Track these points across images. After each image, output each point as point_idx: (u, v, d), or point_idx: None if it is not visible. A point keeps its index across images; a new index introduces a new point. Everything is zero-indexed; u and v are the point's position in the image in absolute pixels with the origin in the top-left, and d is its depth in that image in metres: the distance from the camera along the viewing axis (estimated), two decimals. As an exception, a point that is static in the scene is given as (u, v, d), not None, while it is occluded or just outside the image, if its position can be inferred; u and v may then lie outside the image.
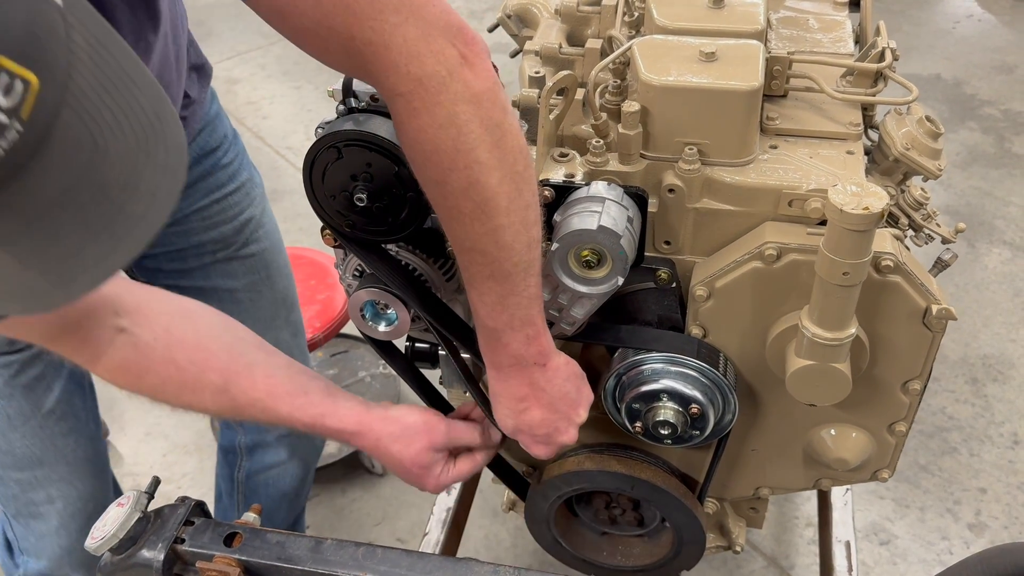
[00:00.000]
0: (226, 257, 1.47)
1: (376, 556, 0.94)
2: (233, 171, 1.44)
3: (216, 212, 1.42)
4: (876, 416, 1.17)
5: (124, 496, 1.00)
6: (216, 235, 1.43)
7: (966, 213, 3.15)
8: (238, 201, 1.44)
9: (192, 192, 1.38)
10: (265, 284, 1.54)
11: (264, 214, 1.52)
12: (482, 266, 0.93)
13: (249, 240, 1.48)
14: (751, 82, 1.00)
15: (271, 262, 1.54)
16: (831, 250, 0.92)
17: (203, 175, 1.39)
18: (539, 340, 1.00)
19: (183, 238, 1.41)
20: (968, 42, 4.14)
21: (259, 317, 1.55)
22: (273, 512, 1.82)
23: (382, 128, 0.98)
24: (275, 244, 1.56)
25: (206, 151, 1.39)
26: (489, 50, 0.89)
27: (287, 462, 1.76)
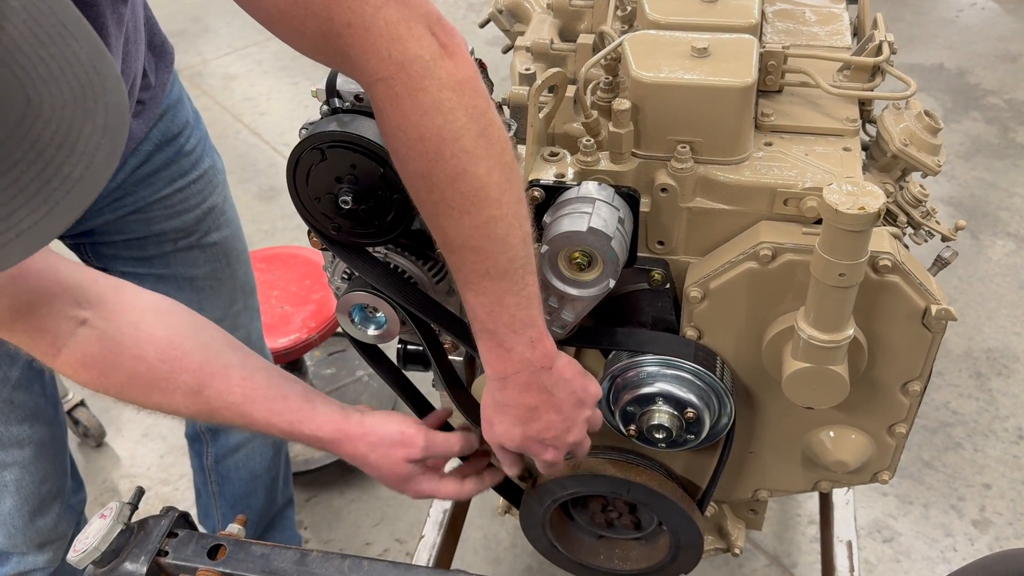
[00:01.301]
0: (188, 246, 1.45)
1: (362, 568, 0.92)
2: (196, 158, 1.41)
3: (179, 201, 1.39)
4: (875, 418, 1.15)
5: (107, 507, 0.98)
6: (179, 224, 1.41)
7: (969, 204, 3.12)
8: (201, 189, 1.42)
9: (155, 180, 1.36)
10: (226, 272, 1.52)
11: (226, 201, 1.50)
12: (476, 264, 0.89)
13: (211, 228, 1.46)
14: (744, 78, 0.98)
15: (232, 249, 1.52)
16: (827, 251, 0.89)
17: (166, 163, 1.36)
18: (543, 342, 0.96)
19: (144, 226, 1.39)
20: (971, 31, 4.10)
21: (219, 304, 1.53)
22: (250, 497, 1.80)
23: (367, 129, 0.96)
24: (236, 231, 1.54)
25: (168, 138, 1.36)
26: (467, 43, 0.87)
27: (252, 439, 1.73)
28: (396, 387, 1.25)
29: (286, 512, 1.94)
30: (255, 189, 3.40)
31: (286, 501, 1.92)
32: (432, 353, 1.16)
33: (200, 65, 4.20)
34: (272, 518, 1.90)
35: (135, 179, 1.34)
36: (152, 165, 1.34)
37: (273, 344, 2.05)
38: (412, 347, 1.27)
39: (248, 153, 3.60)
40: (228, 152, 3.61)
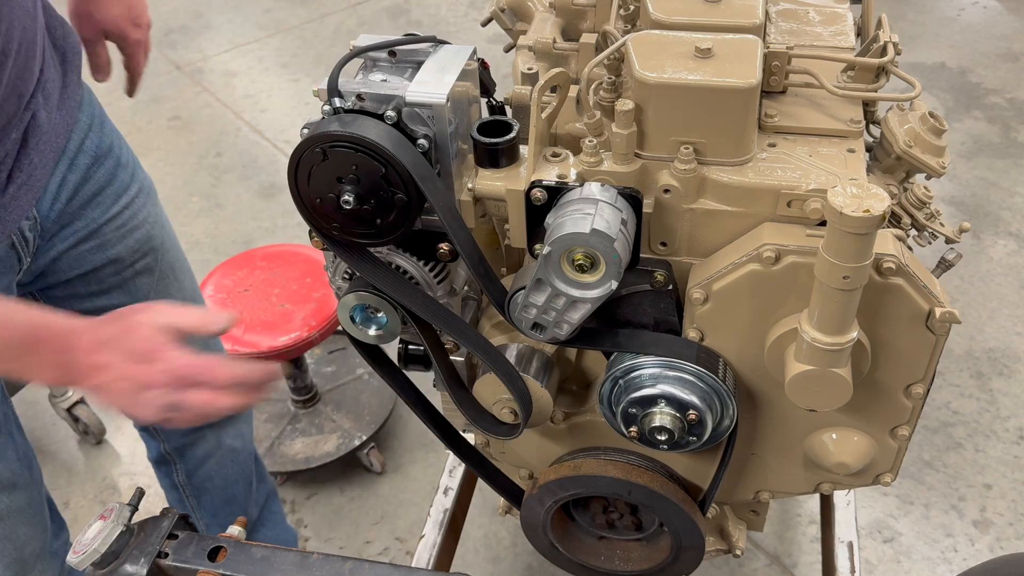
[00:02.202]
0: (145, 267, 1.43)
1: (364, 570, 0.92)
2: (132, 170, 1.40)
3: (129, 217, 1.38)
4: (878, 420, 1.14)
5: (107, 508, 0.98)
6: (133, 243, 1.40)
7: (971, 204, 3.12)
8: (144, 203, 1.41)
9: (102, 199, 1.34)
10: (174, 285, 1.51)
11: (162, 211, 1.49)
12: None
13: (161, 243, 1.45)
14: (748, 79, 0.97)
15: (175, 261, 1.51)
16: (831, 253, 0.89)
17: (108, 179, 1.34)
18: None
19: (99, 253, 1.36)
20: (973, 30, 4.10)
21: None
22: (231, 504, 1.79)
23: (369, 129, 0.96)
24: (174, 241, 1.52)
25: (103, 150, 1.34)
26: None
27: (219, 448, 1.72)
28: (397, 387, 1.25)
29: (271, 507, 1.93)
30: (256, 186, 3.40)
31: (267, 496, 1.91)
32: (433, 353, 1.16)
33: (201, 62, 4.19)
34: (259, 517, 1.89)
35: (81, 200, 1.31)
36: (96, 183, 1.32)
37: (273, 342, 2.05)
38: (413, 347, 1.27)
39: (249, 150, 3.60)
40: (229, 149, 3.60)
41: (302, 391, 2.37)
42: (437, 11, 4.48)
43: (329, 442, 2.31)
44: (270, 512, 1.92)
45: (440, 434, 1.31)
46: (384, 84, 1.02)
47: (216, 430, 1.69)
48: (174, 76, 4.08)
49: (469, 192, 1.06)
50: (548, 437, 1.32)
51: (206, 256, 3.05)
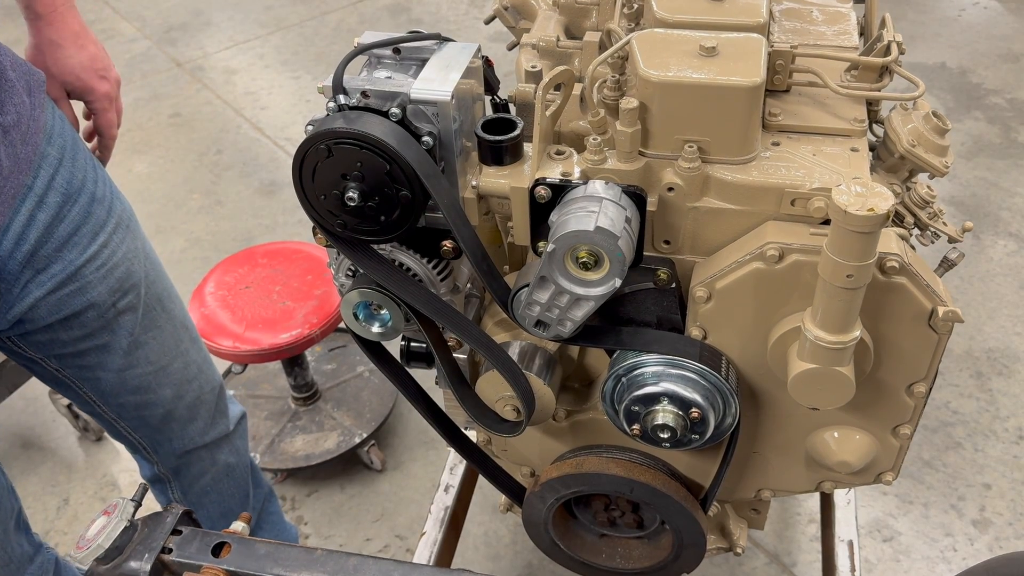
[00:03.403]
0: (128, 306, 1.35)
1: (368, 567, 0.92)
2: (109, 204, 1.30)
3: (108, 257, 1.30)
4: (880, 419, 1.15)
5: (111, 504, 0.98)
6: (113, 283, 1.31)
7: (971, 204, 3.12)
8: (122, 239, 1.32)
9: (78, 239, 1.25)
10: (162, 317, 1.43)
11: (144, 241, 1.40)
12: None
13: (144, 279, 1.37)
14: (753, 78, 0.97)
15: (161, 291, 1.42)
16: (835, 252, 0.89)
17: (83, 216, 1.25)
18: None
19: (80, 296, 1.28)
20: (974, 30, 4.10)
21: (165, 350, 1.45)
22: (228, 516, 1.77)
23: (374, 126, 0.96)
24: (158, 270, 1.43)
25: (75, 186, 1.24)
26: None
27: (215, 464, 1.71)
28: (399, 384, 1.25)
29: (268, 508, 1.92)
30: (256, 184, 3.40)
31: (264, 499, 1.90)
32: (436, 350, 1.16)
33: (201, 59, 4.19)
34: (257, 521, 1.89)
35: (56, 242, 1.22)
36: (71, 223, 1.24)
37: (275, 339, 2.05)
38: (415, 345, 1.27)
39: (249, 148, 3.60)
40: (229, 147, 3.60)
41: (303, 388, 2.37)
42: (438, 9, 4.48)
43: (330, 439, 2.31)
44: (268, 514, 1.92)
45: (442, 431, 1.31)
46: (389, 81, 1.02)
47: (211, 449, 1.67)
48: (174, 73, 4.08)
49: (473, 189, 1.06)
50: (550, 435, 1.32)
51: (206, 253, 3.05)
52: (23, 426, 2.53)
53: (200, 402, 1.60)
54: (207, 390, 1.60)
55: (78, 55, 1.31)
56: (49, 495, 2.35)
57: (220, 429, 1.66)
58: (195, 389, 1.57)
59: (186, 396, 1.56)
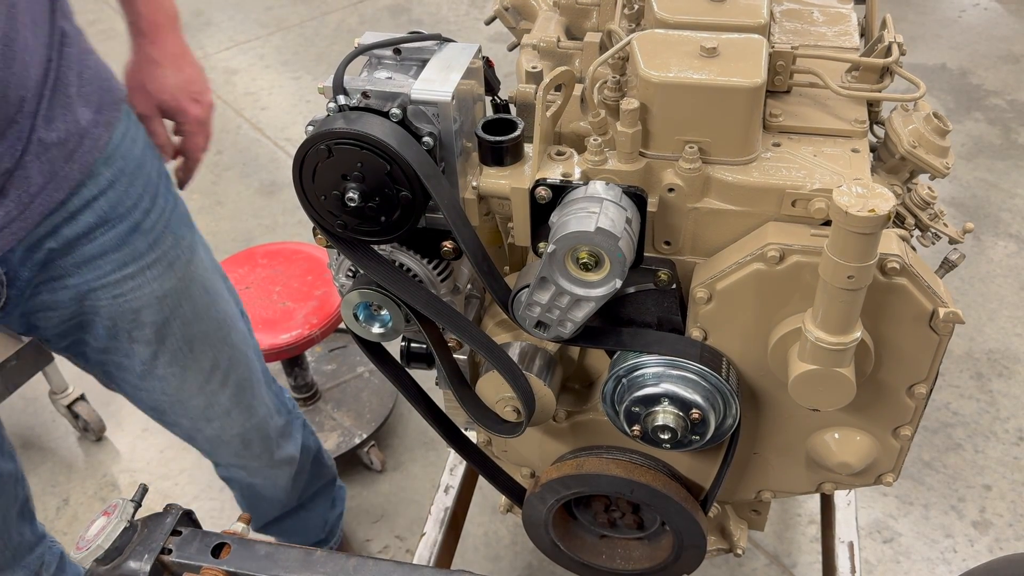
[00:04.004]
0: (143, 339, 1.33)
1: (367, 567, 0.92)
2: (155, 239, 1.27)
3: (129, 288, 1.27)
4: (880, 420, 1.15)
5: (110, 504, 0.98)
6: (128, 313, 1.29)
7: (971, 205, 3.12)
8: (157, 276, 1.29)
9: (103, 263, 1.22)
10: (189, 358, 1.41)
11: (191, 284, 1.36)
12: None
13: (173, 321, 1.34)
14: (754, 79, 0.97)
15: (196, 336, 1.39)
16: (835, 253, 0.89)
17: (116, 244, 1.22)
18: (174, 8, 1.24)
19: (93, 315, 1.28)
20: (974, 31, 4.10)
21: (184, 387, 1.44)
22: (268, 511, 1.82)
23: (374, 127, 0.96)
24: (201, 313, 1.39)
25: (117, 213, 1.21)
26: None
27: (252, 484, 1.77)
28: (399, 385, 1.25)
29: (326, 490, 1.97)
30: (256, 184, 3.40)
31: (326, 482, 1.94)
32: (436, 351, 1.16)
33: (202, 59, 4.17)
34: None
35: (77, 258, 1.20)
36: (100, 245, 1.21)
37: (275, 340, 2.05)
38: (416, 345, 1.27)
39: (249, 148, 3.60)
40: (229, 147, 3.60)
41: (303, 389, 2.37)
42: (438, 10, 4.48)
43: (329, 440, 2.31)
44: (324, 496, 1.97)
45: (442, 432, 1.31)
46: (389, 82, 1.02)
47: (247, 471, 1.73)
48: (175, 73, 4.07)
49: (474, 190, 1.06)
50: (550, 435, 1.32)
51: (206, 253, 3.05)
52: (23, 426, 2.53)
53: (220, 441, 1.60)
54: (232, 433, 1.59)
55: (175, 76, 1.31)
56: (49, 495, 2.35)
57: (254, 463, 1.69)
58: (215, 428, 1.56)
59: (204, 430, 1.56)
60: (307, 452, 1.81)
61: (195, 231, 1.40)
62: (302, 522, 1.94)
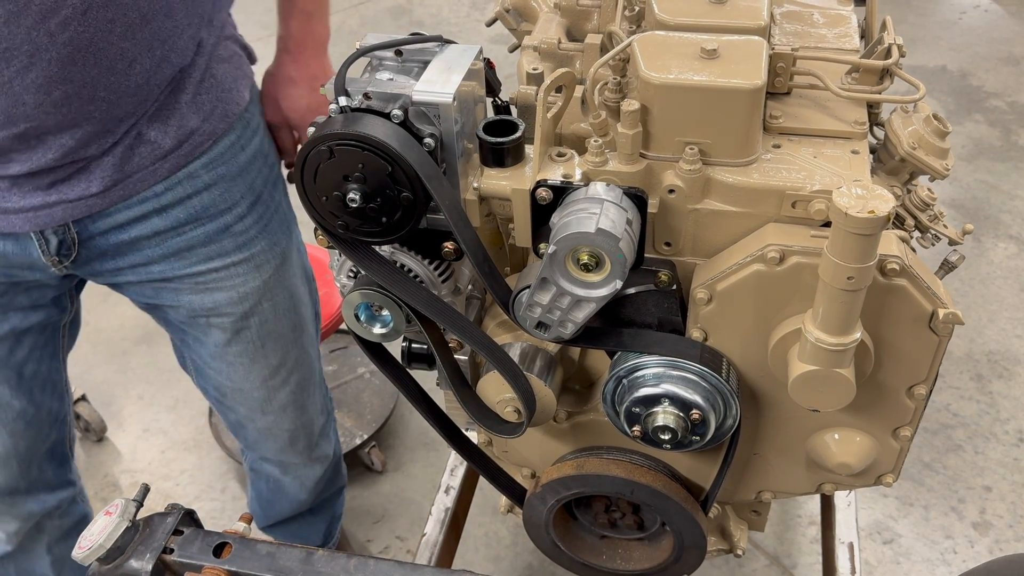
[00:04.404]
0: (219, 325, 1.40)
1: (368, 567, 0.92)
2: (244, 241, 1.33)
3: (211, 280, 1.33)
4: (880, 421, 1.15)
5: (113, 504, 0.98)
6: (208, 301, 1.36)
7: (971, 207, 3.13)
8: (241, 273, 1.35)
9: (190, 256, 1.29)
10: (259, 354, 1.46)
11: (278, 291, 1.41)
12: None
13: (249, 316, 1.39)
14: (754, 80, 0.97)
15: (268, 336, 1.45)
16: (835, 254, 0.89)
17: (204, 240, 1.29)
18: (326, 33, 1.28)
19: (172, 295, 1.35)
20: (974, 33, 4.11)
21: (247, 379, 1.49)
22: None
23: (375, 128, 0.96)
24: (283, 316, 1.45)
25: (209, 213, 1.28)
26: None
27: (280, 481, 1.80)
28: (400, 385, 1.25)
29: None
30: (257, 185, 3.40)
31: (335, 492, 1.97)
32: (437, 352, 1.16)
33: (202, 60, 4.19)
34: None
35: (166, 249, 1.27)
36: (187, 240, 1.28)
37: (275, 341, 2.05)
38: (416, 346, 1.27)
39: (250, 149, 3.60)
40: (230, 148, 3.60)
41: (303, 390, 2.37)
42: (439, 11, 4.49)
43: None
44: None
45: (443, 432, 1.31)
46: (391, 83, 1.02)
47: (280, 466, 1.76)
48: (176, 74, 4.08)
49: (475, 191, 1.06)
50: (551, 436, 1.32)
51: (207, 254, 3.05)
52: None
53: (270, 434, 1.65)
54: (283, 428, 1.63)
55: (308, 97, 1.34)
56: (50, 496, 2.35)
57: (294, 460, 1.73)
58: (268, 421, 1.61)
59: (257, 422, 1.61)
60: (336, 454, 1.85)
61: (293, 238, 1.44)
62: (307, 525, 1.94)
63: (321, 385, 1.69)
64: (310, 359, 1.59)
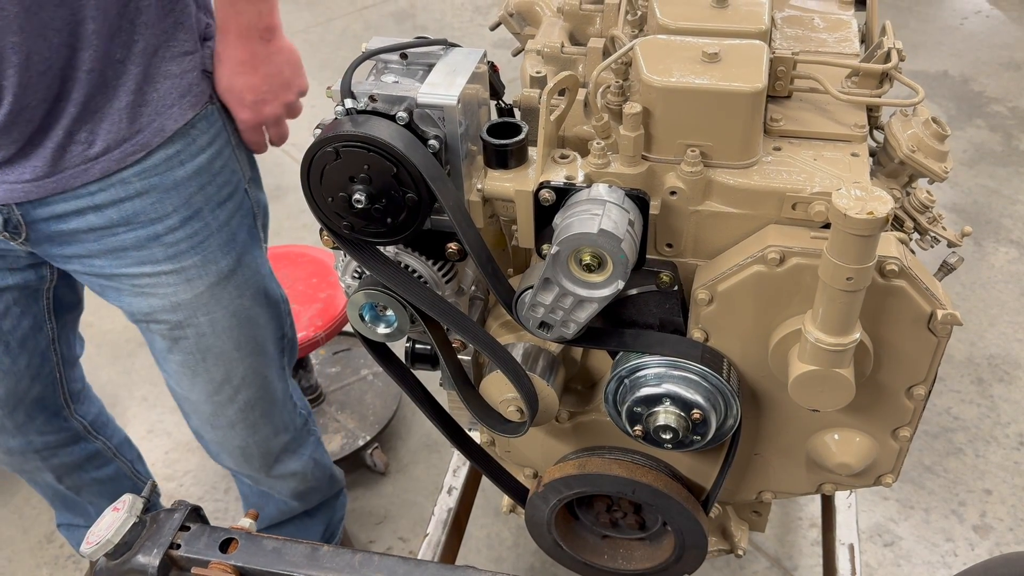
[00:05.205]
0: (159, 332, 1.42)
1: (373, 563, 0.93)
2: (174, 254, 1.33)
3: (145, 284, 1.35)
4: (880, 421, 1.16)
5: (120, 500, 0.99)
6: (144, 306, 1.38)
7: (973, 211, 3.13)
8: (171, 283, 1.36)
9: (123, 256, 1.31)
10: (200, 367, 1.47)
11: (211, 305, 1.41)
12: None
13: (186, 326, 1.41)
14: (755, 83, 0.99)
15: (210, 348, 1.45)
16: (835, 255, 0.90)
17: (135, 245, 1.31)
18: (271, 16, 1.24)
19: (115, 295, 1.38)
20: (976, 39, 4.12)
21: (193, 388, 1.51)
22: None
23: (381, 130, 0.98)
24: (221, 331, 1.44)
25: (139, 220, 1.28)
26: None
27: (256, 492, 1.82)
28: (404, 385, 1.26)
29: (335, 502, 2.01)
30: (261, 188, 3.41)
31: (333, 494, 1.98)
32: (441, 352, 1.18)
33: (207, 64, 4.21)
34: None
35: (103, 246, 1.30)
36: (119, 241, 1.30)
37: (279, 342, 2.06)
38: (420, 346, 1.29)
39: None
40: (234, 151, 3.62)
41: (307, 391, 2.38)
42: (443, 16, 4.50)
43: (333, 442, 2.32)
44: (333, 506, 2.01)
45: (446, 432, 1.32)
46: (396, 86, 1.04)
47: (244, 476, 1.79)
48: (180, 78, 4.10)
49: (478, 192, 1.08)
50: (553, 436, 1.33)
51: (211, 257, 3.06)
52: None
53: (222, 448, 1.66)
54: (233, 445, 1.64)
55: (231, 78, 1.30)
56: (54, 496, 2.36)
57: (253, 474, 1.75)
58: (219, 436, 1.62)
59: (209, 434, 1.64)
60: (321, 469, 1.85)
61: (244, 262, 1.43)
62: (303, 528, 1.96)
63: (284, 405, 1.67)
64: (264, 381, 1.58)
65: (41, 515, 2.29)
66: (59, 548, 2.23)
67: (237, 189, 1.39)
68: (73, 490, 1.74)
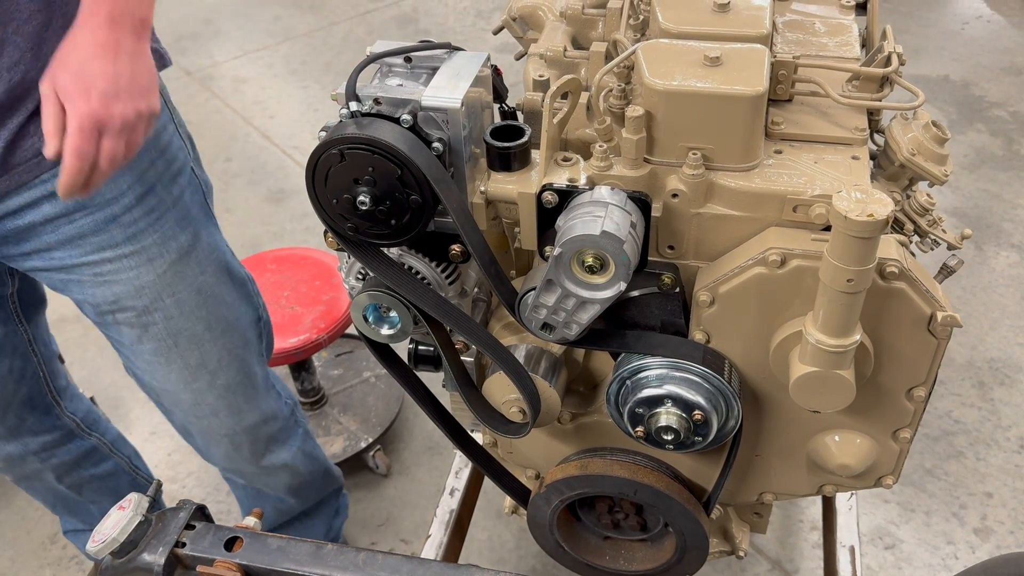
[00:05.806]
0: (126, 321, 1.41)
1: (377, 562, 0.94)
2: (133, 233, 1.33)
3: (107, 270, 1.34)
4: (880, 423, 1.16)
5: (126, 499, 1.00)
6: (108, 294, 1.37)
7: (974, 216, 3.14)
8: (133, 266, 1.35)
9: (82, 243, 1.30)
10: (174, 353, 1.47)
11: (178, 284, 1.40)
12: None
13: (154, 311, 1.40)
14: (756, 87, 0.99)
15: (182, 331, 1.45)
16: (835, 257, 0.91)
17: (93, 229, 1.30)
18: (148, 8, 1.14)
19: (77, 287, 1.37)
20: (977, 43, 4.13)
21: (168, 377, 1.51)
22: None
23: (386, 132, 0.98)
24: (188, 312, 1.44)
25: (95, 202, 1.27)
26: None
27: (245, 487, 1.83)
28: (407, 386, 1.27)
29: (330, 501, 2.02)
30: (264, 191, 3.43)
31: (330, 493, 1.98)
32: (444, 353, 1.18)
33: (211, 67, 4.23)
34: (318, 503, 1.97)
35: (60, 236, 1.29)
36: (78, 227, 1.29)
37: (282, 344, 2.07)
38: (423, 347, 1.29)
39: (258, 155, 3.63)
40: (238, 155, 3.64)
41: (309, 393, 2.39)
42: (445, 20, 4.52)
43: (335, 444, 2.33)
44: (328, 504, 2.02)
45: (449, 433, 1.33)
46: (400, 89, 1.04)
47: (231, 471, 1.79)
48: (184, 82, 4.11)
49: (482, 195, 1.08)
50: (555, 437, 1.34)
51: (214, 260, 3.07)
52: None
53: (210, 440, 1.67)
54: (220, 434, 1.65)
55: (77, 64, 1.14)
56: (57, 498, 2.37)
57: (245, 468, 1.75)
58: (204, 426, 1.62)
59: (195, 425, 1.64)
60: (313, 463, 1.85)
61: (201, 238, 1.43)
62: (303, 529, 1.96)
63: (268, 391, 1.67)
64: (243, 363, 1.57)
65: (44, 516, 2.29)
66: (62, 549, 2.23)
67: (185, 166, 1.39)
68: (74, 489, 1.75)
